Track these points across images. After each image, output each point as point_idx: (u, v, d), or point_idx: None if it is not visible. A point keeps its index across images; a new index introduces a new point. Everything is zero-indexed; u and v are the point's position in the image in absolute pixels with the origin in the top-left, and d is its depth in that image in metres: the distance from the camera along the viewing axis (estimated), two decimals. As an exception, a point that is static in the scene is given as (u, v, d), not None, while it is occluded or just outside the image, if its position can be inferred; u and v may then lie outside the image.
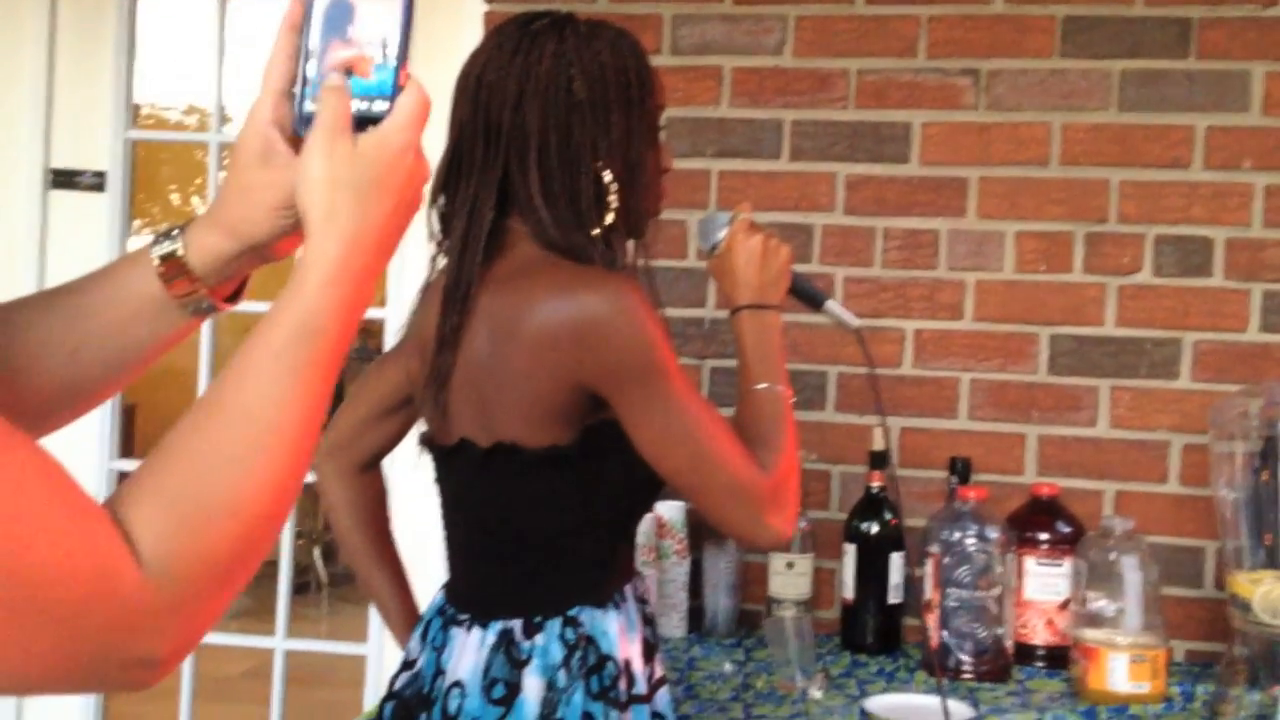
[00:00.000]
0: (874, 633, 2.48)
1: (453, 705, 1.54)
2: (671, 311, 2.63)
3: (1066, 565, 2.38)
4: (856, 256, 2.62)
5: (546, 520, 1.58)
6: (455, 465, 1.62)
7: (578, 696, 1.51)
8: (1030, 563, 2.42)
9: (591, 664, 1.54)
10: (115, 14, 2.96)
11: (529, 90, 1.56)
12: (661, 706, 1.63)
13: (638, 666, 1.59)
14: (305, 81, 0.97)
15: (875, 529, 2.49)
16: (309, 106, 0.96)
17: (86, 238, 2.96)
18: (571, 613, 1.56)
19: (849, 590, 2.50)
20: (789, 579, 2.51)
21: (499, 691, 1.52)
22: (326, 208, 0.91)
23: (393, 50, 0.95)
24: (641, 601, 1.67)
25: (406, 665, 1.65)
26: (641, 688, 1.58)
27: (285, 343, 0.87)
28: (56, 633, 0.73)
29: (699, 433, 1.53)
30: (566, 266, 1.54)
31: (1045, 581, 2.42)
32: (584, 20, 1.65)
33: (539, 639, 1.54)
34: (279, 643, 2.89)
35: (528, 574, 1.60)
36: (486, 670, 1.54)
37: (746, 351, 1.71)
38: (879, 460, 2.51)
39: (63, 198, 2.98)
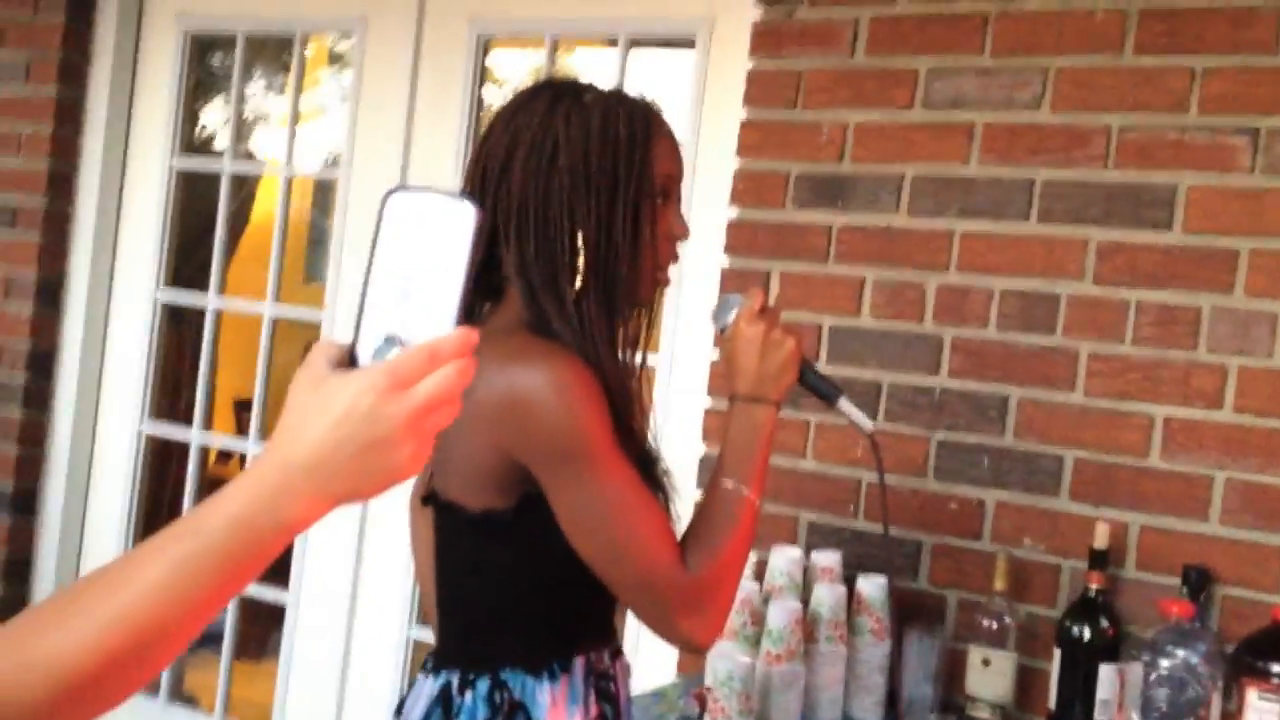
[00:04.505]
0: (1077, 750, 2.25)
1: None
2: (901, 379, 2.53)
3: (1299, 706, 2.05)
4: (1104, 331, 2.38)
5: (483, 581, 1.61)
6: (429, 514, 1.68)
7: None
8: (1253, 695, 2.10)
9: None
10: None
11: (517, 155, 1.59)
12: None
13: None
14: (360, 318, 0.90)
15: (1086, 634, 2.25)
16: (360, 351, 0.90)
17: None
18: (502, 675, 1.57)
19: (1053, 699, 2.27)
20: (984, 677, 2.33)
21: None
22: (307, 453, 0.88)
23: (445, 322, 0.88)
24: (602, 678, 1.64)
25: (400, 705, 1.72)
26: None
27: (182, 542, 0.90)
28: None
29: (616, 521, 1.51)
30: (517, 338, 1.55)
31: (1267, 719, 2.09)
32: (596, 90, 1.64)
33: (468, 697, 1.57)
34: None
35: (467, 630, 1.63)
36: (427, 719, 1.59)
37: (726, 444, 1.64)
38: (1099, 560, 2.27)
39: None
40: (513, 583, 1.60)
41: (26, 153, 3.63)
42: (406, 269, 0.89)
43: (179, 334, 3.88)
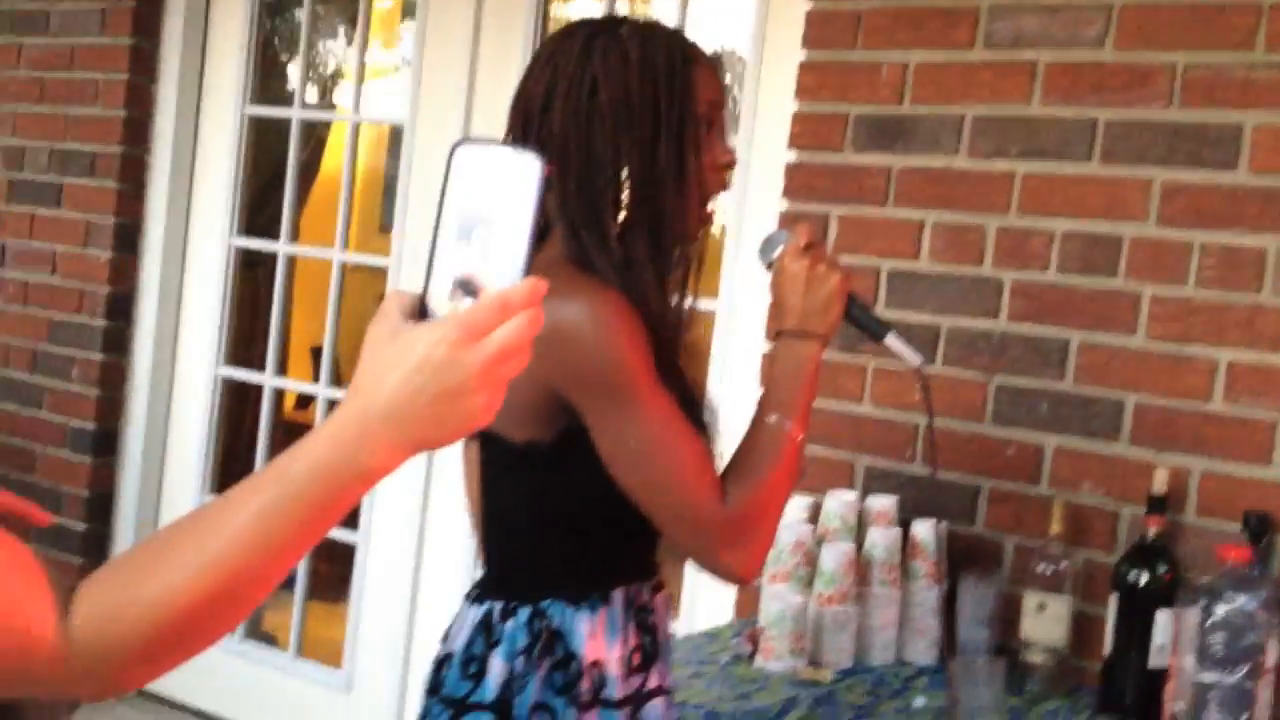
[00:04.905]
0: (1132, 696, 2.23)
1: (442, 673, 1.64)
2: (961, 322, 2.50)
3: (1357, 654, 2.02)
4: (1167, 273, 2.33)
5: (524, 513, 1.63)
6: (475, 444, 1.70)
7: (531, 685, 1.57)
8: (1311, 644, 2.07)
9: (558, 658, 1.58)
10: None
11: (556, 93, 1.59)
12: (650, 718, 1.63)
13: (614, 670, 1.60)
14: (430, 268, 0.92)
15: (1144, 579, 2.23)
16: (431, 301, 0.92)
17: None
18: (542, 605, 1.60)
19: (1108, 645, 2.26)
20: (1039, 622, 2.31)
21: (473, 668, 1.60)
22: (385, 402, 0.91)
23: (514, 272, 0.91)
24: (642, 610, 1.66)
25: (446, 633, 1.75)
26: (614, 692, 1.59)
27: (269, 489, 0.95)
28: None
29: (656, 453, 1.52)
30: (560, 275, 1.55)
31: (1326, 669, 2.06)
32: (631, 22, 1.64)
33: (509, 624, 1.60)
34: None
35: (509, 560, 1.67)
36: (469, 646, 1.62)
37: (770, 379, 1.65)
38: (1158, 505, 2.24)
39: None
40: (552, 515, 1.62)
41: (103, 101, 3.70)
42: (475, 220, 0.91)
43: (256, 280, 3.95)
